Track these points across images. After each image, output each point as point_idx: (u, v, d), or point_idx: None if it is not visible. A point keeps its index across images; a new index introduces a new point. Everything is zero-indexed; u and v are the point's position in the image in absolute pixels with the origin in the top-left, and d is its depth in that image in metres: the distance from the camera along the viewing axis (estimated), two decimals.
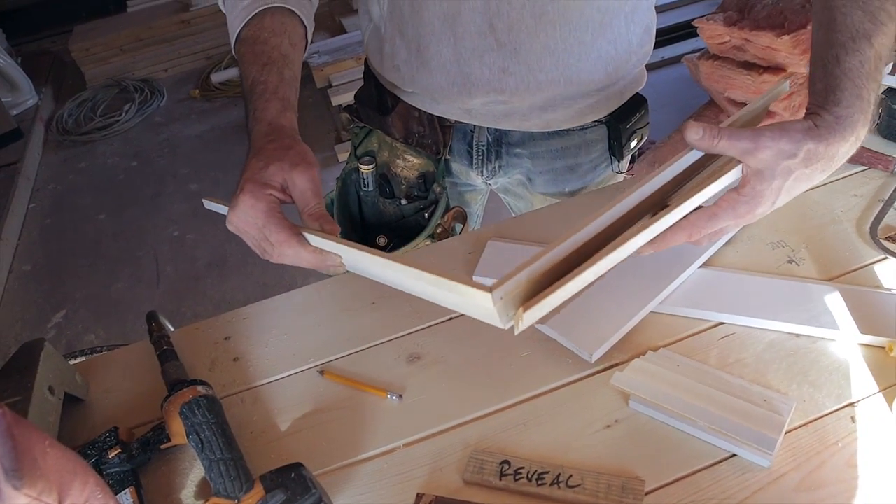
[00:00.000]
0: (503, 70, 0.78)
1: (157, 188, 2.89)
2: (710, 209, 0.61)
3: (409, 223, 0.97)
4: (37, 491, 0.41)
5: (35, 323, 2.30)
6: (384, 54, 0.86)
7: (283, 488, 0.53)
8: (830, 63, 0.59)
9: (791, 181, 0.59)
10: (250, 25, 0.72)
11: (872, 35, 0.58)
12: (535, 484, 0.56)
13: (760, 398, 0.59)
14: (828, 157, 0.58)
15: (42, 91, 3.54)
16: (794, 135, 0.57)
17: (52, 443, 0.46)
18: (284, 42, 0.71)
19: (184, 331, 0.79)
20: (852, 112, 0.57)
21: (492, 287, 0.47)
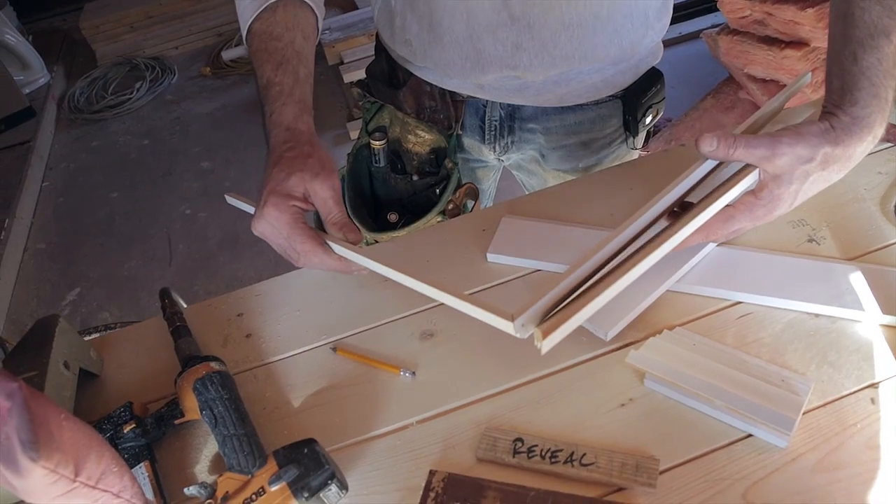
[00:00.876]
0: (516, 46, 0.77)
1: (169, 166, 2.90)
2: (728, 211, 0.62)
3: (421, 199, 0.96)
4: (53, 463, 0.42)
5: (50, 300, 2.33)
6: (395, 28, 0.85)
7: (295, 463, 0.53)
8: (847, 60, 0.59)
9: (809, 184, 0.60)
10: (262, 19, 0.71)
11: (891, 31, 0.57)
12: (548, 462, 0.56)
13: (778, 378, 0.58)
14: (845, 158, 0.59)
15: (53, 69, 3.54)
16: (811, 139, 0.58)
17: (68, 416, 0.46)
18: (298, 37, 0.71)
19: (197, 307, 0.79)
20: (869, 112, 0.58)
21: (513, 315, 0.49)
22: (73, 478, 0.44)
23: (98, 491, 0.47)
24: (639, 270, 0.56)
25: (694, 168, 0.63)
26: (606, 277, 0.54)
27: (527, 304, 0.50)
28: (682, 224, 0.60)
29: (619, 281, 0.54)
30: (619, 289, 0.55)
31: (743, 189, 0.62)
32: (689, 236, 0.62)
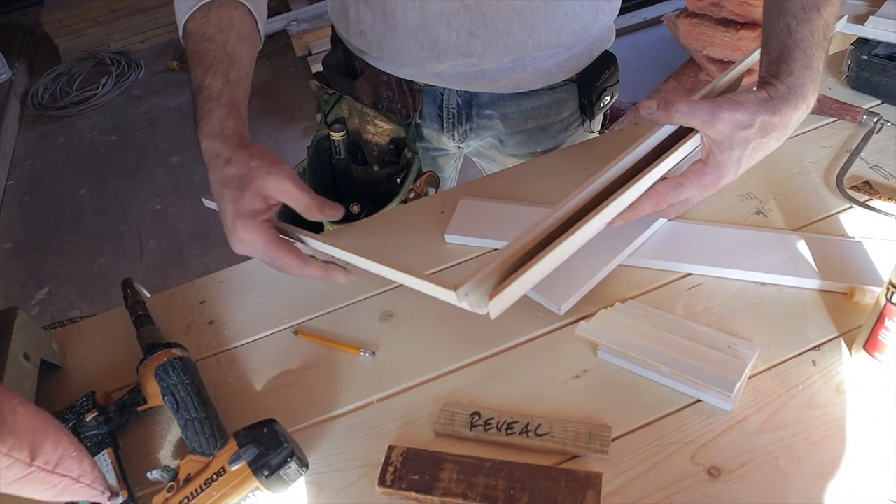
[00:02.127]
0: (471, 34, 0.78)
1: (138, 162, 2.86)
2: (677, 179, 0.64)
3: (382, 189, 0.96)
4: (7, 447, 0.42)
5: (18, 300, 2.29)
6: (349, 20, 0.85)
7: (255, 443, 0.54)
8: (783, 32, 0.61)
9: (749, 150, 0.62)
10: (195, 18, 0.68)
11: (822, 5, 0.60)
12: (504, 434, 0.57)
13: (725, 345, 0.60)
14: (782, 125, 0.61)
15: (15, 65, 3.46)
16: (749, 107, 0.60)
17: (23, 402, 0.46)
18: (231, 38, 0.68)
19: (160, 296, 0.79)
20: (804, 82, 0.60)
21: (455, 285, 0.50)
22: (28, 462, 0.45)
23: (56, 475, 0.48)
24: (585, 234, 0.57)
25: (641, 141, 0.64)
26: (552, 243, 0.55)
27: (469, 274, 0.51)
28: (629, 186, 0.61)
29: (564, 244, 0.55)
30: (566, 253, 0.56)
31: (686, 153, 0.64)
32: (641, 205, 0.63)
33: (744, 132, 0.60)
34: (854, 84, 0.89)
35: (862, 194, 0.74)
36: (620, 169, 0.63)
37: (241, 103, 0.66)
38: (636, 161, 0.64)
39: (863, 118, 0.83)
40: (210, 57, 0.66)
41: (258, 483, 0.53)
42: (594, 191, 0.61)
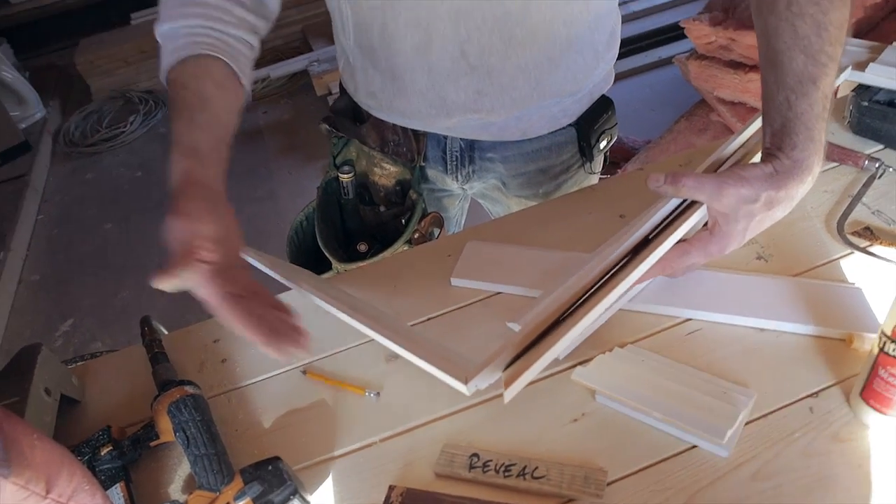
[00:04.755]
0: (478, 92, 0.81)
1: (162, 197, 2.94)
2: (683, 246, 0.66)
3: (388, 229, 0.99)
4: (24, 480, 0.45)
5: (43, 331, 2.35)
6: (357, 82, 0.89)
7: (260, 480, 0.56)
8: (783, 106, 0.63)
9: (755, 222, 0.64)
10: (174, 69, 0.69)
11: (817, 78, 0.61)
12: (502, 476, 0.59)
13: (721, 391, 0.61)
14: (788, 199, 0.63)
15: (49, 104, 3.61)
16: (755, 182, 0.61)
17: (41, 437, 0.49)
18: (207, 85, 0.68)
19: (176, 334, 0.82)
20: (808, 155, 0.62)
21: (467, 377, 0.52)
22: (44, 494, 0.47)
23: None
24: (597, 311, 0.58)
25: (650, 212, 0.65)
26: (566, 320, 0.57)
27: (481, 364, 0.53)
28: (638, 262, 0.62)
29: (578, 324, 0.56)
30: (579, 331, 0.57)
31: (693, 224, 0.66)
32: (648, 271, 0.65)
33: (749, 206, 0.62)
34: (856, 129, 0.91)
35: (863, 240, 0.75)
36: (631, 242, 0.64)
37: (205, 145, 0.64)
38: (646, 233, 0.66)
39: (864, 163, 0.84)
40: (182, 103, 0.66)
41: None
42: (605, 265, 0.62)
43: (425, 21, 0.74)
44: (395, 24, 0.76)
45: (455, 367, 0.53)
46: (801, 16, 0.61)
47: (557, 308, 0.58)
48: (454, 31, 0.75)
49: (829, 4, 0.61)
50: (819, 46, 0.61)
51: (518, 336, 0.55)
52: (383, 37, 0.78)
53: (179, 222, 0.57)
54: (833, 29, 0.61)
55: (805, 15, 0.61)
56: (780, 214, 0.65)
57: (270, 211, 2.62)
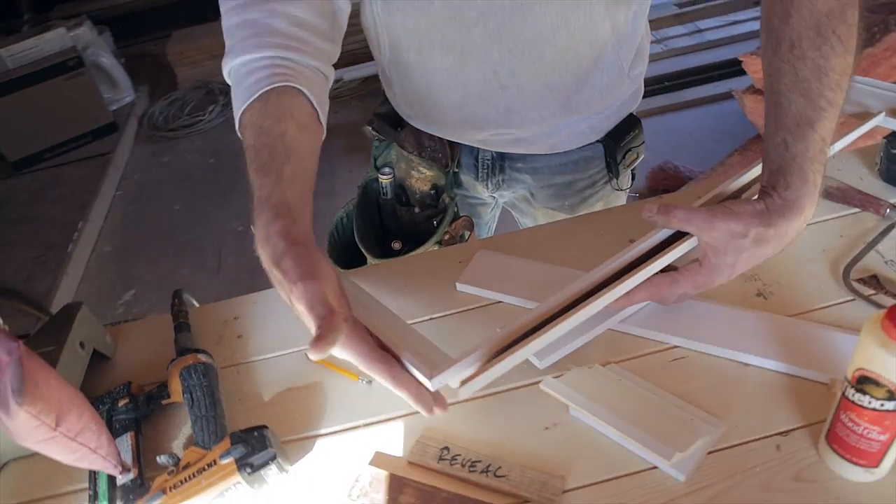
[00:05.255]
0: (509, 109, 0.85)
1: (229, 185, 3.10)
2: (673, 275, 0.68)
3: (421, 229, 1.04)
4: (36, 410, 0.52)
5: (108, 298, 2.53)
6: (395, 93, 0.95)
7: (244, 443, 0.62)
8: (780, 147, 0.64)
9: (744, 257, 0.65)
10: (253, 108, 0.64)
11: (814, 122, 0.63)
12: (467, 470, 0.62)
13: (688, 417, 0.63)
14: (778, 237, 0.64)
15: (139, 89, 3.86)
16: (745, 218, 0.63)
17: (57, 377, 0.56)
18: (290, 128, 0.62)
19: (202, 308, 0.90)
20: (800, 195, 0.63)
21: (431, 375, 0.56)
22: (53, 426, 0.54)
23: (76, 443, 0.57)
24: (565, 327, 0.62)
25: (643, 239, 0.68)
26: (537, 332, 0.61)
27: (448, 363, 0.57)
28: (619, 283, 0.65)
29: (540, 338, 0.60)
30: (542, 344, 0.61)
31: (681, 253, 0.68)
32: (637, 294, 0.68)
33: (738, 241, 0.64)
34: (885, 177, 0.89)
35: (868, 288, 0.75)
36: (619, 264, 0.67)
37: (294, 201, 0.59)
38: (634, 257, 0.68)
39: (886, 212, 0.83)
40: (265, 152, 0.61)
41: (240, 478, 0.60)
42: (591, 283, 0.65)
43: (460, 45, 0.79)
44: (430, 48, 0.81)
45: (425, 361, 0.57)
46: (802, 59, 0.63)
47: (533, 319, 0.61)
48: (487, 54, 0.80)
49: (831, 50, 0.62)
50: (818, 91, 0.62)
51: (490, 342, 0.59)
52: (419, 58, 0.84)
53: (312, 284, 0.52)
54: (834, 74, 0.62)
55: (806, 59, 0.63)
56: (770, 252, 0.66)
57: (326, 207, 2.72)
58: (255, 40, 0.67)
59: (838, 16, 0.63)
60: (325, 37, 0.71)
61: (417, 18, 0.78)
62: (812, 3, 0.63)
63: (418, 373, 0.57)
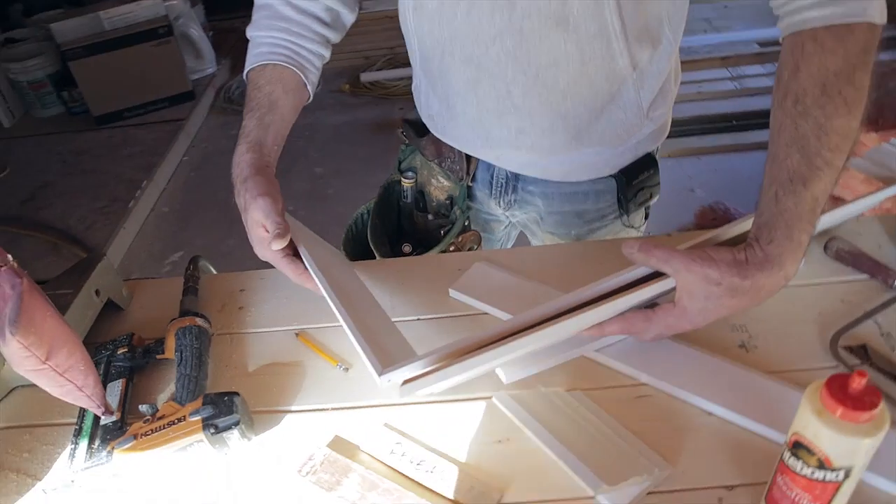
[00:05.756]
0: (519, 130, 0.87)
1: (287, 165, 3.21)
2: (647, 312, 0.69)
3: (432, 236, 1.08)
4: (27, 341, 0.57)
5: (157, 257, 2.66)
6: (421, 103, 0.99)
7: (214, 405, 0.66)
8: (770, 200, 0.64)
9: (715, 305, 0.65)
10: (255, 70, 0.86)
11: (808, 180, 0.62)
12: (413, 466, 0.65)
13: (636, 454, 0.63)
14: (753, 289, 0.64)
15: (221, 63, 4.04)
16: (721, 265, 0.63)
17: (55, 316, 0.62)
18: (277, 89, 0.83)
19: (214, 276, 0.96)
20: (781, 252, 0.63)
21: (382, 370, 0.60)
22: (43, 360, 0.60)
23: (64, 379, 0.63)
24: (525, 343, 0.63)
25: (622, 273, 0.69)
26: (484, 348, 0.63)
27: (400, 363, 0.60)
28: (586, 309, 0.66)
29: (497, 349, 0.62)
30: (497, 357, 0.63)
31: (656, 291, 0.68)
32: (610, 325, 0.69)
33: (711, 287, 0.64)
34: None
35: (854, 357, 0.74)
36: (594, 293, 0.68)
37: (267, 141, 0.81)
38: (611, 288, 0.69)
39: (894, 283, 0.81)
40: (254, 102, 0.83)
41: (203, 436, 0.65)
42: (562, 307, 0.67)
43: (477, 59, 0.82)
44: (451, 59, 0.84)
45: (380, 356, 0.60)
46: (804, 115, 0.62)
47: (494, 335, 0.63)
48: (502, 72, 0.82)
49: (835, 111, 0.61)
50: (816, 149, 0.62)
51: (448, 349, 0.62)
52: (441, 68, 0.87)
53: (268, 200, 0.74)
54: (835, 136, 0.62)
55: (808, 115, 0.62)
56: (745, 304, 0.65)
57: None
58: (268, 21, 0.87)
59: (846, 77, 0.62)
60: (326, 24, 0.89)
61: (442, 28, 0.82)
62: (822, 59, 0.63)
63: (368, 364, 0.60)
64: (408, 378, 0.60)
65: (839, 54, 0.62)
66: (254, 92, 0.84)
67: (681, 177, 2.79)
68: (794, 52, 0.65)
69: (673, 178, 2.77)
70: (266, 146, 0.81)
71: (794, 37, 0.66)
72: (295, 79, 0.86)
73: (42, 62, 3.48)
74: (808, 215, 0.63)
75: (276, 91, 0.84)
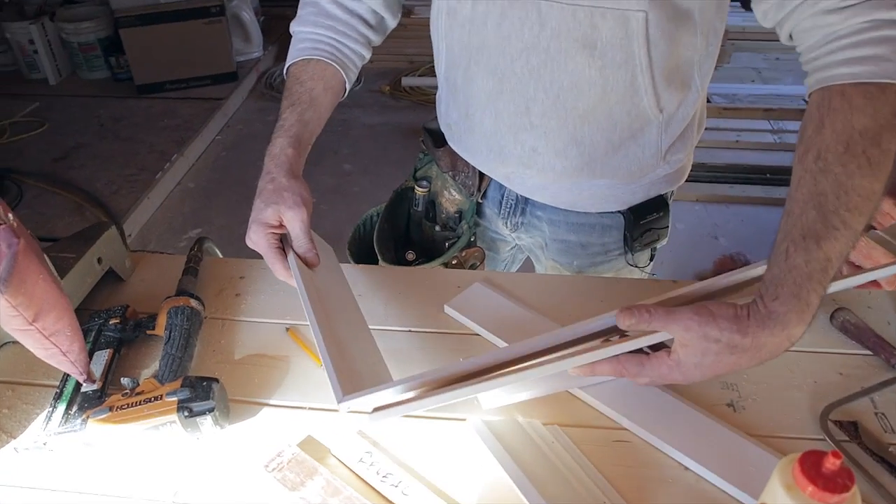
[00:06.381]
0: (533, 149, 0.87)
1: (317, 158, 3.22)
2: (640, 357, 0.66)
3: (437, 247, 1.08)
4: (16, 301, 0.58)
5: (176, 231, 2.70)
6: (441, 112, 0.99)
7: (191, 388, 0.67)
8: (780, 256, 0.61)
9: (712, 361, 0.62)
10: (298, 64, 0.87)
11: (822, 238, 0.59)
12: (379, 478, 0.65)
13: (601, 501, 0.62)
14: (754, 347, 0.61)
15: (268, 48, 4.10)
16: (721, 322, 0.60)
17: (48, 280, 0.63)
18: (318, 86, 0.85)
19: (217, 260, 0.97)
20: (787, 310, 0.59)
21: (343, 397, 0.60)
22: (29, 321, 0.61)
23: (49, 342, 0.64)
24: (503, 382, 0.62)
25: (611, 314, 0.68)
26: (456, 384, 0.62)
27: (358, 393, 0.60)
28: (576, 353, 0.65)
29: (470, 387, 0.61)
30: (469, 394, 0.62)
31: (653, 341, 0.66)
32: (601, 367, 0.66)
33: (710, 345, 0.61)
34: None
35: (843, 433, 0.72)
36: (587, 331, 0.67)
37: (305, 138, 0.82)
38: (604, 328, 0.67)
39: None
40: (295, 97, 0.84)
41: (176, 418, 0.65)
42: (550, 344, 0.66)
43: (501, 72, 0.82)
44: (476, 68, 0.84)
45: (345, 380, 0.60)
46: (824, 172, 0.60)
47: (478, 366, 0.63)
48: (523, 87, 0.82)
49: (857, 170, 0.59)
50: (834, 208, 0.59)
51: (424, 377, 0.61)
52: (465, 77, 0.87)
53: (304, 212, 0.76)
54: (855, 196, 0.59)
55: (829, 172, 0.60)
56: (744, 363, 0.62)
57: None
58: (314, 18, 0.89)
59: (873, 137, 0.60)
60: (370, 26, 0.91)
61: (472, 36, 0.82)
62: (847, 118, 0.61)
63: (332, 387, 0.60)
64: (378, 406, 0.59)
65: (867, 113, 0.60)
66: (295, 86, 0.85)
67: (706, 223, 2.75)
68: (820, 107, 0.63)
69: (698, 222, 2.74)
70: (303, 143, 0.82)
71: (821, 91, 0.64)
72: (336, 76, 0.88)
73: (94, 26, 3.57)
74: (818, 275, 0.60)
75: (316, 88, 0.85)
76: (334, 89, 0.88)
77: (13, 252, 0.57)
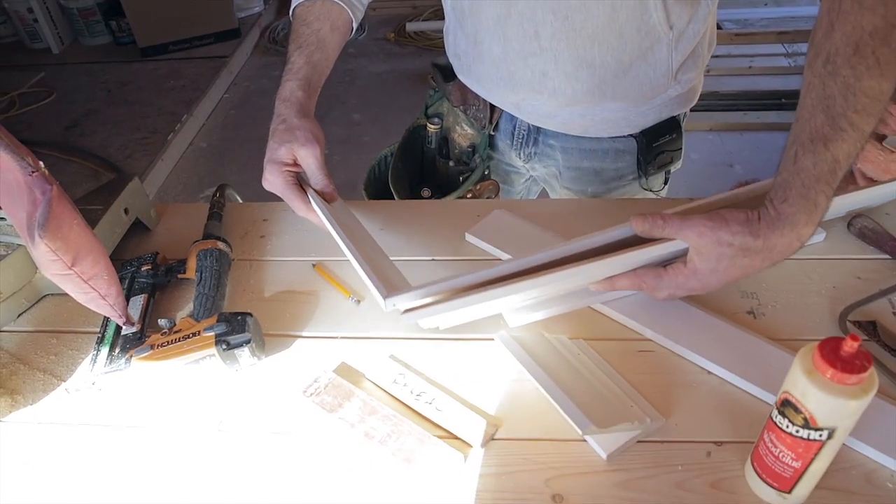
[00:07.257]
0: (543, 73, 0.86)
1: (326, 109, 3.22)
2: (658, 270, 0.69)
3: (452, 182, 1.08)
4: (54, 246, 0.60)
5: (192, 190, 2.72)
6: (449, 42, 0.98)
7: (227, 323, 0.69)
8: (789, 159, 0.62)
9: (727, 266, 0.64)
10: (303, 5, 0.86)
11: (829, 140, 0.60)
12: (413, 397, 0.67)
13: (629, 404, 0.65)
14: (766, 249, 0.63)
15: (269, 2, 4.03)
16: (734, 226, 0.62)
17: (82, 225, 0.65)
18: (325, 26, 0.85)
19: (240, 205, 0.99)
20: (795, 211, 0.61)
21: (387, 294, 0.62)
22: (69, 265, 0.63)
23: (88, 286, 0.66)
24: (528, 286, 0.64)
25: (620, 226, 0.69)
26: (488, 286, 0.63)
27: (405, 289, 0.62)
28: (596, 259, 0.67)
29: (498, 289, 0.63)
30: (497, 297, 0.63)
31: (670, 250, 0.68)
32: (620, 281, 0.70)
33: (723, 249, 0.63)
34: None
35: (862, 332, 0.73)
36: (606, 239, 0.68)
37: (314, 81, 0.83)
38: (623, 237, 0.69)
39: None
40: (303, 39, 0.84)
41: (215, 351, 0.68)
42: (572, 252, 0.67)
43: None
44: None
45: (385, 282, 0.62)
46: (833, 75, 0.60)
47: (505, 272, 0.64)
48: (531, 11, 0.81)
49: (866, 70, 0.59)
50: (842, 110, 0.59)
51: (455, 283, 0.63)
52: (472, 4, 0.86)
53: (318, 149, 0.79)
54: (863, 97, 0.59)
55: (837, 75, 0.60)
56: (757, 265, 0.64)
57: None
58: None
59: (882, 37, 0.59)
60: None
61: None
62: (858, 18, 0.60)
63: (373, 289, 0.62)
64: (409, 307, 0.61)
65: (878, 12, 0.59)
66: (301, 27, 0.85)
67: (721, 151, 2.72)
68: (830, 11, 0.62)
69: (713, 151, 2.71)
70: (312, 86, 0.83)
71: None
72: (343, 16, 0.87)
73: None
74: (826, 176, 0.61)
75: (323, 28, 0.85)
76: (341, 29, 0.88)
77: (47, 198, 0.59)
